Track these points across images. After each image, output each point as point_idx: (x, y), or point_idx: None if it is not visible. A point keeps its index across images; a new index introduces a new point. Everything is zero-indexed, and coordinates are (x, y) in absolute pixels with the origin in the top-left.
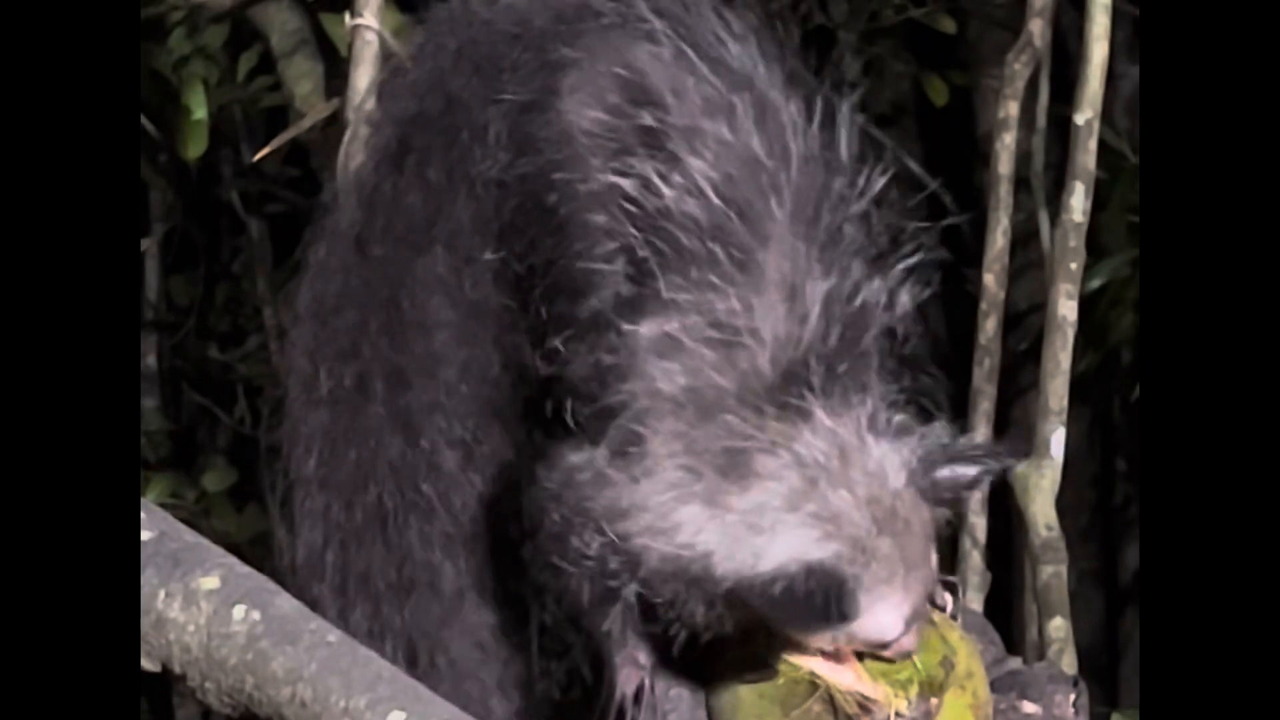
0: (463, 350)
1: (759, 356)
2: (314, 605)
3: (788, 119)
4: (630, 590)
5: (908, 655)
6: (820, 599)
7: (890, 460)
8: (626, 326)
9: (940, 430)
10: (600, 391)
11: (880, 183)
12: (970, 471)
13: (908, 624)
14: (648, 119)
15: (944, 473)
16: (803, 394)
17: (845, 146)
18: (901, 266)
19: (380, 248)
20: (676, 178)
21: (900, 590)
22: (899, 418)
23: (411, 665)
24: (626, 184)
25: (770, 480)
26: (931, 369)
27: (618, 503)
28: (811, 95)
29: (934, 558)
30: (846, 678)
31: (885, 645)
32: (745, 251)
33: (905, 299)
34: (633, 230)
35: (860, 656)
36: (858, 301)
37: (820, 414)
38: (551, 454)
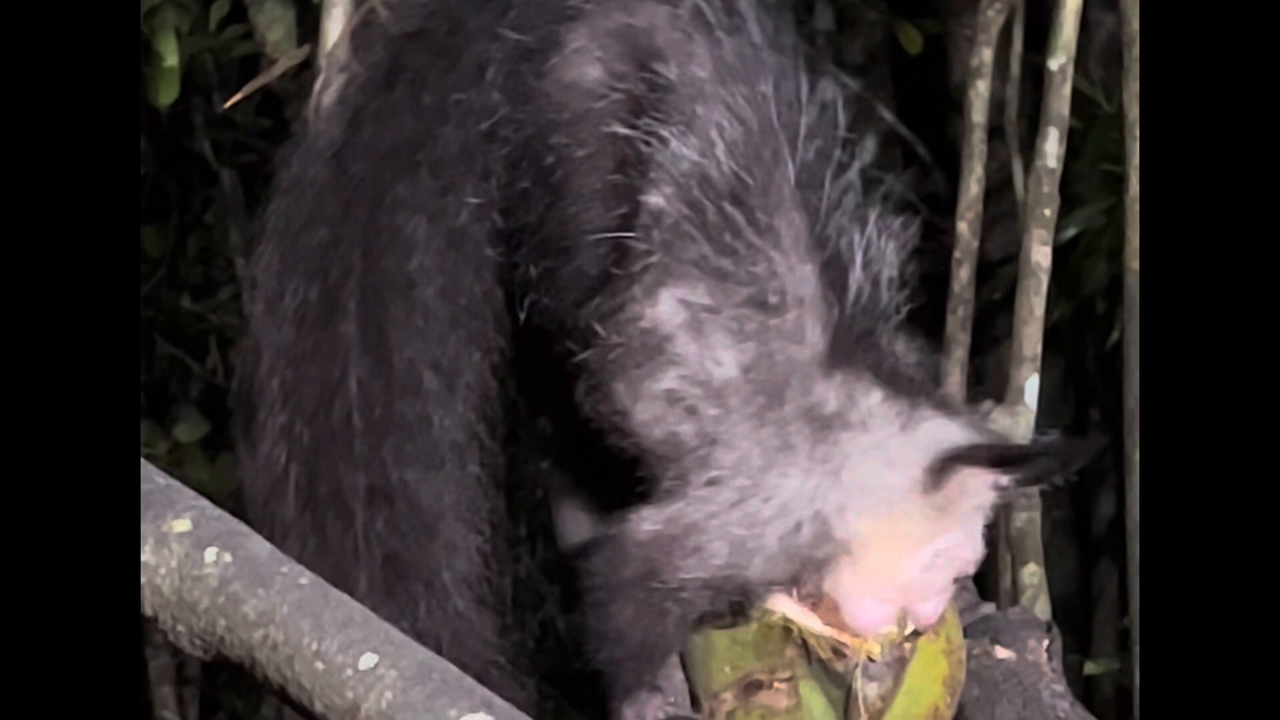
0: (441, 275)
1: (807, 322)
2: (275, 527)
3: (796, 91)
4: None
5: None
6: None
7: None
8: (653, 299)
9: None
10: (652, 388)
11: (870, 151)
12: None
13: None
14: (655, 77)
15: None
16: (868, 351)
17: (840, 119)
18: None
19: (361, 165)
20: (691, 138)
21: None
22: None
23: (394, 578)
24: (638, 141)
25: (873, 419)
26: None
27: (720, 514)
28: (811, 67)
29: None
30: (819, 623)
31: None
32: (765, 215)
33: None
34: (651, 194)
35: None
36: (879, 259)
37: (890, 363)
38: (631, 517)
